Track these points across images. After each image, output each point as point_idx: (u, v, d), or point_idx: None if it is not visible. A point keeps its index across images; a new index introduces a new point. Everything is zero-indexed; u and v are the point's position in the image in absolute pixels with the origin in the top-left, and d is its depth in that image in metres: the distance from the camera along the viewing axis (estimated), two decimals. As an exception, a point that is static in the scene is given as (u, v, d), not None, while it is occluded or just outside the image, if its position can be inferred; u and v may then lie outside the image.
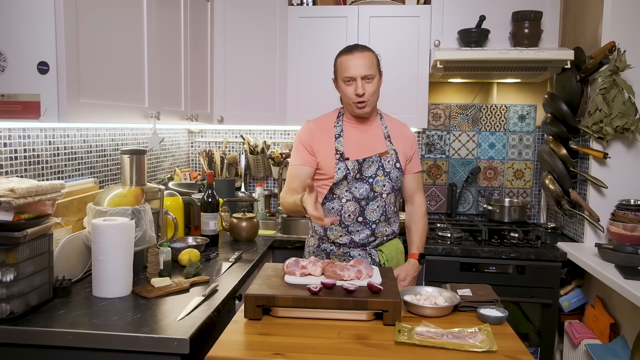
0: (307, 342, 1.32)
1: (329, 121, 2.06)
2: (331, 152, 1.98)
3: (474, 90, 3.21)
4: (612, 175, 2.43)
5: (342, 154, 1.97)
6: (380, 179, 1.99)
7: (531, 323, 2.57)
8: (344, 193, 1.98)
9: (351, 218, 1.99)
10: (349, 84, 1.94)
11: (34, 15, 1.46)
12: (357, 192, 1.97)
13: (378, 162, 1.99)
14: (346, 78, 1.93)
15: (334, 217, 1.97)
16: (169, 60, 2.26)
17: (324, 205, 2.00)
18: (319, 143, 2.00)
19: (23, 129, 1.79)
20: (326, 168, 1.99)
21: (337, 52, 2.02)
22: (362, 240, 2.00)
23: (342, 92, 1.99)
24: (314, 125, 2.06)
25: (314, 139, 2.01)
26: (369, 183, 1.98)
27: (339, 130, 2.02)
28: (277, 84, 2.94)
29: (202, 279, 1.81)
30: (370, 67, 1.92)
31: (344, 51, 1.97)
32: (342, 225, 2.00)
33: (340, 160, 1.96)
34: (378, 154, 1.99)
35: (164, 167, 3.04)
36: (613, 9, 2.36)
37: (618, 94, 2.29)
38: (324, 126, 2.05)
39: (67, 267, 1.71)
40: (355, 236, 2.00)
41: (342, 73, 1.94)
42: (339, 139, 2.00)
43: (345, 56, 1.94)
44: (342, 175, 1.95)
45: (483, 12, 2.75)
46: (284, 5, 2.89)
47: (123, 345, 1.35)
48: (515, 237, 2.67)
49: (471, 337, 1.34)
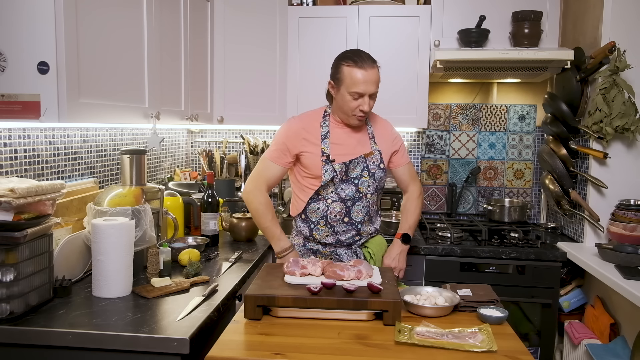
0: (307, 342, 1.32)
1: (315, 120, 2.03)
2: (317, 153, 1.97)
3: (474, 90, 3.21)
4: (612, 175, 2.43)
5: (329, 156, 1.96)
6: (365, 180, 2.00)
7: (531, 323, 2.57)
8: (330, 194, 1.98)
9: (337, 218, 2.00)
10: (355, 98, 1.89)
11: (34, 15, 1.46)
12: (343, 193, 1.98)
13: (363, 163, 2.00)
14: (355, 93, 1.88)
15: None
16: (169, 60, 2.26)
17: (310, 205, 2.01)
18: (304, 143, 1.98)
19: (23, 129, 1.78)
20: (312, 168, 1.98)
21: (341, 55, 1.95)
22: (347, 239, 2.04)
23: (344, 102, 1.91)
24: (299, 125, 2.01)
25: (299, 140, 1.98)
26: (354, 184, 1.99)
27: (325, 131, 2.00)
28: (277, 84, 2.94)
29: (202, 279, 1.81)
30: (378, 84, 1.91)
31: (354, 62, 1.87)
32: (327, 226, 2.02)
33: (327, 163, 1.95)
34: (363, 155, 2.00)
35: (164, 167, 3.04)
36: (613, 9, 2.36)
37: (618, 94, 2.29)
38: (310, 126, 2.01)
39: (67, 267, 1.71)
40: (341, 236, 2.02)
41: (352, 87, 1.87)
42: (325, 140, 1.98)
43: (357, 69, 1.86)
44: (329, 177, 1.95)
45: (483, 12, 2.75)
46: (284, 5, 2.89)
47: (123, 345, 1.35)
48: (515, 237, 2.67)
49: (471, 337, 1.34)
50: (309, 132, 2.00)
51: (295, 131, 2.00)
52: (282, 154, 2.00)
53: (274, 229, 2.02)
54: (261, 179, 2.02)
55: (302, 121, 2.04)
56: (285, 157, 2.00)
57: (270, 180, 2.02)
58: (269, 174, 2.02)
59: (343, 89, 1.90)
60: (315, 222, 2.02)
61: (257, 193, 2.01)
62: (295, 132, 2.00)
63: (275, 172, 2.01)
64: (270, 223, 2.02)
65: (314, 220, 2.02)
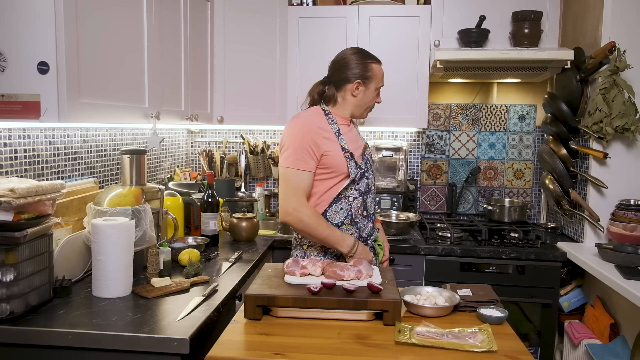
0: (307, 342, 1.32)
1: (322, 119, 1.95)
2: (338, 150, 1.90)
3: (474, 90, 3.21)
4: (612, 175, 2.43)
5: (350, 151, 1.92)
6: (371, 172, 2.03)
7: (531, 323, 2.57)
8: (350, 192, 1.94)
9: (359, 214, 1.97)
10: (378, 92, 2.02)
11: (34, 16, 1.46)
12: (362, 188, 1.97)
13: (366, 157, 2.04)
14: (378, 87, 2.00)
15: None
16: (169, 60, 2.26)
17: (331, 207, 1.92)
18: (325, 142, 1.88)
19: (23, 129, 1.78)
20: (336, 166, 1.89)
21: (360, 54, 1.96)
22: (367, 234, 2.01)
23: (370, 98, 2.00)
24: (316, 124, 1.89)
25: (320, 138, 1.87)
26: (367, 177, 2.00)
27: (335, 128, 1.96)
28: (277, 84, 2.94)
29: (202, 279, 1.81)
30: None
31: (375, 60, 1.99)
32: (352, 224, 1.95)
33: (350, 159, 1.91)
34: (363, 149, 2.04)
35: (164, 167, 3.04)
36: (613, 9, 2.36)
37: (618, 94, 2.29)
38: (322, 124, 1.93)
39: (67, 267, 1.71)
40: (362, 232, 1.99)
41: (379, 82, 1.99)
42: (340, 137, 1.94)
43: (379, 66, 1.99)
44: (356, 173, 1.91)
45: (483, 12, 2.75)
46: (284, 5, 2.89)
47: (123, 345, 1.35)
48: (515, 237, 2.67)
49: (471, 337, 1.34)
50: (325, 129, 1.91)
51: (312, 130, 1.87)
52: (309, 157, 1.84)
53: (334, 234, 1.86)
54: (299, 193, 1.84)
55: (315, 120, 1.91)
56: (312, 161, 1.85)
57: (307, 190, 1.86)
58: (304, 185, 1.85)
59: (373, 86, 1.98)
60: (339, 224, 1.93)
61: (302, 209, 1.83)
62: (313, 132, 1.86)
63: (308, 180, 1.86)
64: (328, 230, 1.85)
65: (337, 222, 1.92)
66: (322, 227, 1.85)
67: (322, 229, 1.85)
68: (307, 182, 1.86)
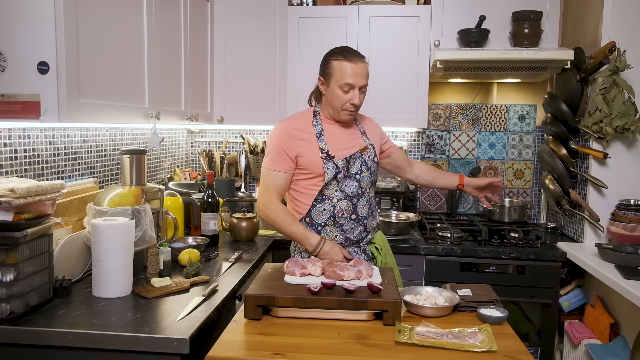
0: (307, 342, 1.32)
1: (305, 120, 2.00)
2: (315, 151, 1.93)
3: (474, 90, 3.21)
4: (612, 175, 2.43)
5: (328, 152, 1.94)
6: (365, 175, 2.00)
7: (531, 323, 2.57)
8: (334, 193, 1.96)
9: (345, 216, 1.98)
10: (346, 91, 1.90)
11: (34, 16, 1.46)
12: (349, 190, 1.97)
13: (360, 159, 2.00)
14: (346, 85, 1.88)
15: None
16: (169, 60, 2.26)
17: (314, 207, 1.97)
18: (300, 144, 1.93)
19: (23, 129, 1.79)
20: (312, 167, 1.94)
21: (329, 52, 1.96)
22: (356, 237, 2.01)
23: (334, 96, 1.92)
24: (291, 126, 1.97)
25: (295, 141, 1.93)
26: (356, 180, 1.98)
27: (319, 129, 1.97)
28: (277, 84, 2.94)
29: (202, 279, 1.81)
30: (367, 78, 1.94)
31: (344, 56, 1.90)
32: (336, 225, 1.99)
33: (327, 159, 1.93)
34: (359, 150, 2.00)
35: (164, 167, 3.04)
36: (613, 9, 2.36)
37: (618, 94, 2.29)
38: (302, 125, 1.98)
39: (67, 267, 1.71)
40: (349, 234, 2.00)
41: (342, 78, 1.88)
42: (321, 138, 1.95)
43: (347, 62, 1.88)
44: (332, 174, 1.92)
45: (483, 12, 2.75)
46: (284, 5, 2.89)
47: (123, 345, 1.35)
48: (515, 237, 2.67)
49: (471, 337, 1.34)
50: (303, 131, 1.96)
51: (288, 133, 1.95)
52: (282, 159, 1.93)
53: (297, 231, 1.93)
54: (270, 191, 1.95)
55: (293, 122, 1.99)
56: (286, 162, 1.94)
57: (279, 189, 1.96)
58: (276, 184, 1.95)
59: (333, 83, 1.92)
60: (322, 224, 1.98)
61: (270, 206, 1.94)
62: (289, 134, 1.94)
63: (281, 180, 1.95)
64: (292, 227, 1.93)
65: (321, 222, 1.98)
66: (285, 223, 1.94)
67: (286, 226, 1.94)
68: (280, 182, 1.96)
